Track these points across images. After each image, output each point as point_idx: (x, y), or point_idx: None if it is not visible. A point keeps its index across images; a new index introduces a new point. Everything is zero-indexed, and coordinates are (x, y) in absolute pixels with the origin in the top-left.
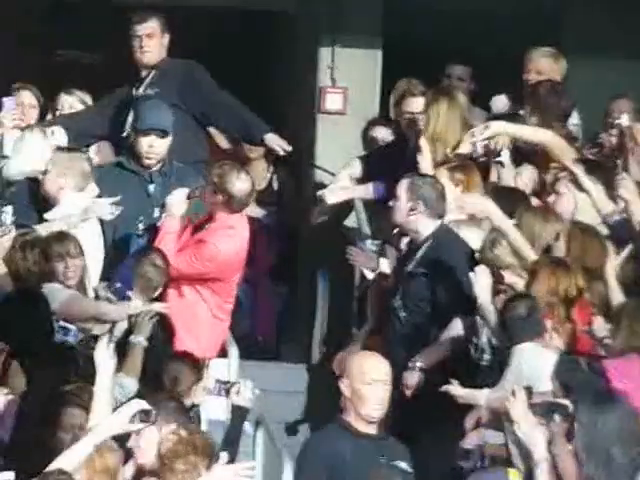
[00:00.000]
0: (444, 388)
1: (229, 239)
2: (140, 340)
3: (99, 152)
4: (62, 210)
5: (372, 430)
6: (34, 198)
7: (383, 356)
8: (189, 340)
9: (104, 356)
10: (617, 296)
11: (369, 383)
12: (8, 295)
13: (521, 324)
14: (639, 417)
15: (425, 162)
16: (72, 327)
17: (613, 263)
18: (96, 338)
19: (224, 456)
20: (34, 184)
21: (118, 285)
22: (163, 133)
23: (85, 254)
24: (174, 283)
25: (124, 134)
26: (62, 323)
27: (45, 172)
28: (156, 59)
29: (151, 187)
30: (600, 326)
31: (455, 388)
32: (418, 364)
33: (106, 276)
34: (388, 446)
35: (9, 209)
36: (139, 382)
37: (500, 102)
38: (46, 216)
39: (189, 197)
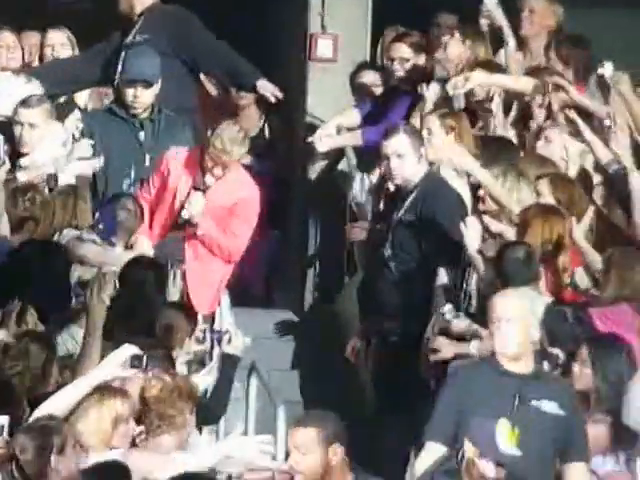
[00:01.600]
0: (435, 345)
1: (253, 186)
2: (103, 298)
3: (92, 96)
4: (40, 155)
5: (516, 368)
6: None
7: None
8: (205, 292)
9: (100, 305)
10: (589, 253)
11: (494, 322)
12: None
13: (519, 268)
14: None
15: (429, 106)
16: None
17: (579, 226)
18: None
19: (239, 427)
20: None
21: (101, 226)
22: (148, 84)
23: None
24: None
25: (114, 82)
26: None
27: (29, 122)
28: (143, 5)
29: (141, 134)
30: (582, 277)
31: (444, 342)
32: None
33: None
34: (531, 385)
35: (0, 139)
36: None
37: None
38: (24, 162)
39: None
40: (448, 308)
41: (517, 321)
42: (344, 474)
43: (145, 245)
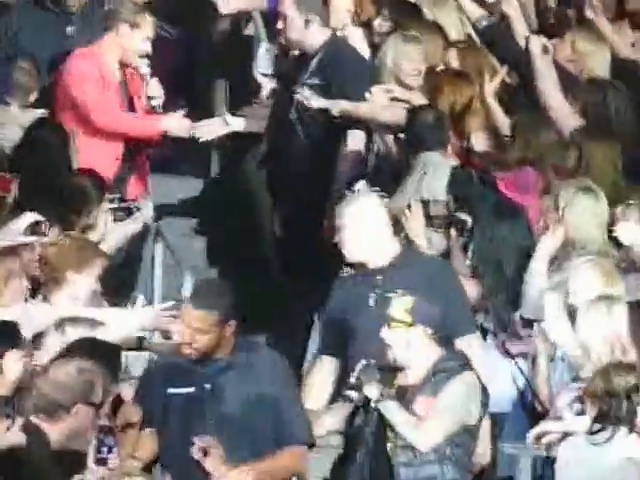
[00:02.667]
0: None
1: None
2: None
3: None
4: None
5: (375, 263)
6: None
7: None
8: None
9: None
10: (499, 115)
11: (339, 229)
12: None
13: (428, 133)
14: (533, 229)
15: None
16: None
17: (491, 85)
18: None
19: (141, 298)
20: None
21: None
22: None
23: None
24: None
25: None
26: None
27: None
28: None
29: (69, 29)
30: (479, 140)
31: None
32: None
33: None
34: (389, 276)
35: None
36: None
37: None
38: None
39: None
40: (362, 184)
41: (359, 227)
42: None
43: None
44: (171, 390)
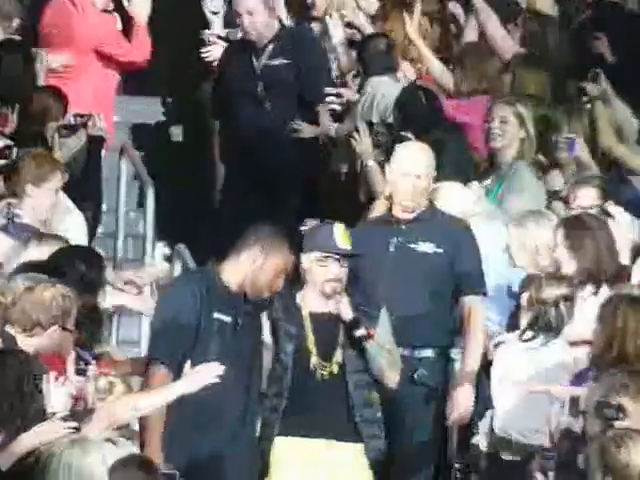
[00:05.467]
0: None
1: None
2: None
3: None
4: None
5: (403, 214)
6: None
7: None
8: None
9: None
10: (425, 54)
11: (400, 174)
12: None
13: (379, 58)
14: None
15: None
16: None
17: (410, 22)
18: None
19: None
20: None
21: None
22: None
23: None
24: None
25: None
26: None
27: None
28: None
29: None
30: (409, 71)
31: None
32: None
33: None
34: (410, 229)
35: None
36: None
37: None
38: None
39: None
40: (321, 106)
41: (423, 178)
42: None
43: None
44: (216, 315)
